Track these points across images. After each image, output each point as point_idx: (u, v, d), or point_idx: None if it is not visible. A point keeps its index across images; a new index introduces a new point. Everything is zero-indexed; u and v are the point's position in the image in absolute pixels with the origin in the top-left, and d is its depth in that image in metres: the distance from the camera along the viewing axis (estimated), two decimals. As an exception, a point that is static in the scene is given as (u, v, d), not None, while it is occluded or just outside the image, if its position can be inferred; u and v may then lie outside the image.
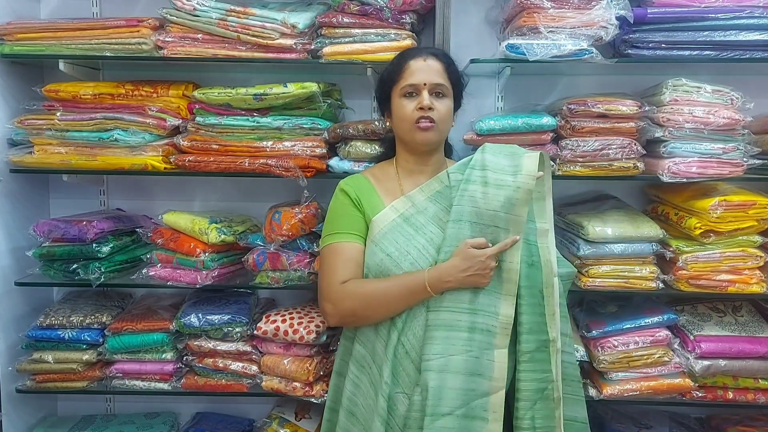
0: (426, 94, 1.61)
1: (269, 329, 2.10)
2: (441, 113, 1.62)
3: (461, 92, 1.74)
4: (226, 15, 2.03)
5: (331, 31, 2.08)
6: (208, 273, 2.10)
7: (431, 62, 1.64)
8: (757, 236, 2.04)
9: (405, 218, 1.62)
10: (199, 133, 2.13)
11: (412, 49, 1.73)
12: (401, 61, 1.67)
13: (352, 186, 1.70)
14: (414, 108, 1.61)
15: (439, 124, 1.62)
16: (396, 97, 1.66)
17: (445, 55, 1.70)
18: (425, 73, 1.62)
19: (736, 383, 2.12)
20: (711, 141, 1.99)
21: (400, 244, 1.59)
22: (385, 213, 1.63)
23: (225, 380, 2.20)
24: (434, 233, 1.60)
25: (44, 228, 2.14)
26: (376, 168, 1.81)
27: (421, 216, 1.62)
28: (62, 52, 2.11)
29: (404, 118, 1.63)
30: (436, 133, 1.63)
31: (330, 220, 1.70)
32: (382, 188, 1.70)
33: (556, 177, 2.05)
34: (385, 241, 1.60)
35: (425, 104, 1.59)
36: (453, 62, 1.70)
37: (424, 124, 1.60)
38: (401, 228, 1.61)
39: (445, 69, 1.66)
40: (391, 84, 1.67)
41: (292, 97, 2.05)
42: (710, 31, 1.99)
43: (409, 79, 1.62)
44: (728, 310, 2.23)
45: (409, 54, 1.68)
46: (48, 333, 2.17)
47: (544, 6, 1.95)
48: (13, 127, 2.17)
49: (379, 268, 1.59)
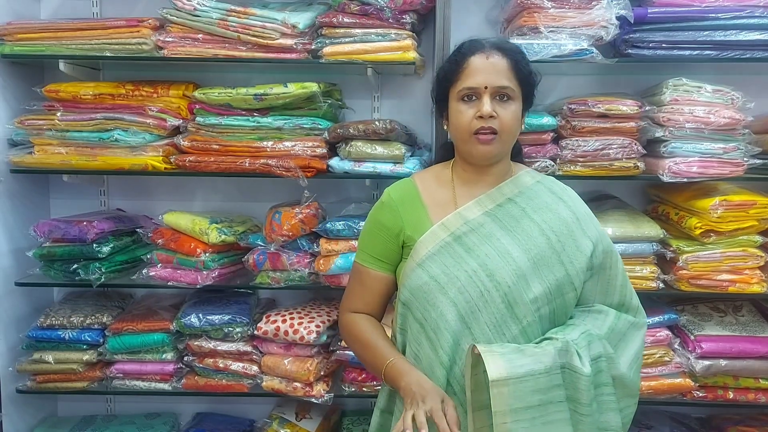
0: (487, 99, 1.34)
1: (270, 329, 2.10)
2: (505, 122, 1.36)
3: (532, 91, 1.45)
4: (226, 15, 2.03)
5: (332, 31, 2.08)
6: (208, 273, 2.10)
7: (495, 59, 1.37)
8: (757, 236, 2.04)
9: (456, 237, 1.38)
10: (199, 134, 2.13)
11: (474, 41, 1.41)
12: (459, 57, 1.39)
13: (396, 196, 1.47)
14: (473, 116, 1.35)
15: (503, 135, 1.36)
16: (453, 100, 1.40)
17: (513, 49, 1.41)
18: (487, 74, 1.35)
19: (737, 383, 2.12)
20: (711, 141, 1.99)
21: (448, 267, 1.36)
22: (434, 231, 1.39)
23: (225, 380, 2.19)
24: (488, 255, 1.36)
25: (44, 228, 2.14)
26: (430, 171, 1.55)
27: (474, 235, 1.38)
28: (62, 53, 2.11)
29: (461, 127, 1.38)
30: (498, 145, 1.37)
31: (365, 233, 1.50)
32: (431, 198, 1.46)
33: (557, 177, 2.05)
34: (432, 264, 1.37)
35: (485, 112, 1.34)
36: (523, 56, 1.42)
37: (483, 136, 1.35)
38: (451, 248, 1.37)
39: (511, 67, 1.37)
40: (448, 84, 1.41)
41: (292, 97, 2.05)
42: (711, 31, 1.98)
43: (468, 80, 1.36)
44: (729, 309, 2.22)
45: (469, 48, 1.39)
46: (48, 333, 2.17)
47: (545, 6, 1.95)
48: (13, 127, 2.17)
49: (422, 293, 1.37)
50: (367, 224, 1.50)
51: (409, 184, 1.49)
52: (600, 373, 1.31)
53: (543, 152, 2.04)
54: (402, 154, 2.04)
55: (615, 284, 1.44)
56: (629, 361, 1.38)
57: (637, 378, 1.41)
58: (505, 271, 1.34)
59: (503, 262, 1.35)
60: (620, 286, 1.44)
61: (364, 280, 1.48)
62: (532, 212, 1.41)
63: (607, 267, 1.43)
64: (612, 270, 1.44)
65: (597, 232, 1.44)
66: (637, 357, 1.41)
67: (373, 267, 1.46)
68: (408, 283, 1.40)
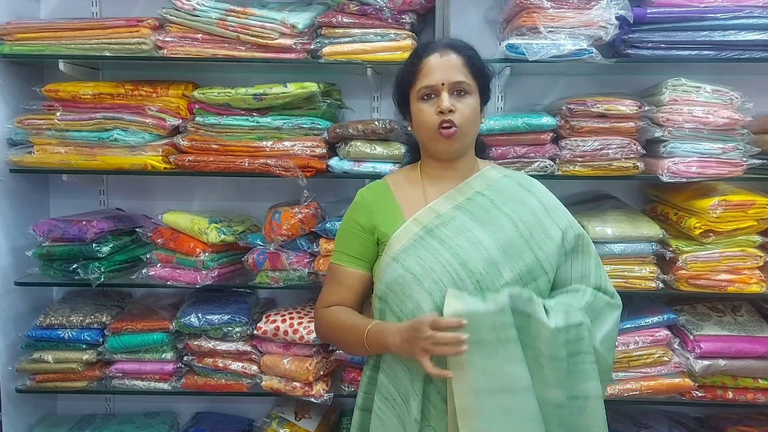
0: (445, 95, 1.41)
1: (269, 329, 2.10)
2: (464, 114, 1.42)
3: (488, 85, 1.51)
4: (225, 15, 2.03)
5: (331, 31, 2.08)
6: (207, 273, 2.10)
7: (449, 57, 1.43)
8: (756, 236, 2.04)
9: (428, 230, 1.43)
10: (198, 133, 2.13)
11: (428, 43, 1.50)
12: (415, 58, 1.47)
13: (369, 197, 1.53)
14: (434, 113, 1.42)
15: (463, 127, 1.42)
16: (414, 101, 1.46)
17: (465, 46, 1.48)
18: (443, 71, 1.42)
19: (736, 383, 2.13)
20: (710, 141, 1.99)
21: (422, 260, 1.40)
22: (407, 226, 1.44)
23: (225, 380, 2.20)
24: (460, 245, 1.40)
25: (44, 228, 2.14)
26: (400, 173, 1.61)
27: (446, 227, 1.43)
28: (62, 52, 2.11)
29: (424, 125, 1.44)
30: (461, 138, 1.43)
31: (341, 232, 1.55)
32: (403, 196, 1.52)
33: (556, 177, 2.06)
34: (406, 257, 1.41)
35: (445, 107, 1.40)
36: (475, 53, 1.48)
37: (446, 130, 1.41)
38: (424, 241, 1.42)
39: (465, 63, 1.44)
40: (407, 86, 1.48)
41: (291, 97, 2.05)
42: (710, 31, 1.99)
43: (425, 79, 1.43)
44: (728, 309, 2.23)
45: (424, 50, 1.47)
46: (48, 333, 2.17)
47: (544, 6, 1.95)
48: (13, 127, 2.17)
49: (398, 285, 1.41)
50: (342, 225, 1.55)
51: (382, 185, 1.55)
52: (581, 340, 1.36)
53: (542, 152, 2.04)
54: (401, 153, 2.04)
55: (590, 267, 1.49)
56: (601, 338, 1.42)
57: (609, 356, 1.45)
58: (477, 260, 1.39)
59: (475, 251, 1.40)
60: (595, 268, 1.49)
61: (341, 278, 1.51)
62: (501, 204, 1.47)
63: (580, 250, 1.48)
64: (585, 253, 1.49)
65: (567, 221, 1.49)
66: (610, 336, 1.45)
67: (349, 265, 1.50)
68: (383, 278, 1.44)
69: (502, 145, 2.04)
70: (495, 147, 2.03)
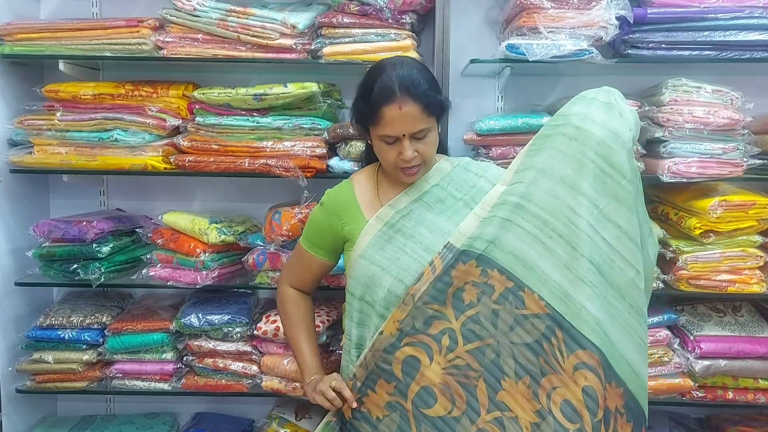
0: (407, 144, 1.46)
1: (269, 329, 2.10)
2: (427, 152, 1.51)
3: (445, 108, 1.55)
4: (226, 15, 2.03)
5: (331, 31, 2.08)
6: (208, 273, 2.10)
7: (408, 109, 1.43)
8: (757, 236, 2.03)
9: (390, 225, 1.53)
10: (199, 134, 2.13)
11: (384, 89, 1.45)
12: (375, 106, 1.46)
13: (332, 201, 1.62)
14: (396, 156, 1.49)
15: (426, 161, 1.53)
16: (375, 138, 1.51)
17: (421, 93, 1.45)
18: (403, 124, 1.44)
19: (736, 383, 2.13)
20: (711, 141, 1.99)
21: (388, 252, 1.51)
22: (371, 224, 1.55)
23: (225, 380, 2.20)
24: (422, 233, 1.51)
25: (44, 228, 2.14)
26: (363, 171, 1.69)
27: (406, 220, 1.54)
28: (62, 53, 2.11)
29: (386, 161, 1.52)
30: (423, 170, 1.55)
31: (309, 223, 1.68)
32: (363, 195, 1.61)
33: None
34: (372, 252, 1.52)
35: (408, 157, 1.47)
36: (432, 88, 1.48)
37: (409, 170, 1.51)
38: (387, 236, 1.53)
39: (423, 109, 1.45)
40: (367, 123, 1.52)
41: (292, 97, 2.05)
42: (710, 31, 1.98)
43: (386, 129, 1.46)
44: (728, 310, 2.23)
45: (382, 98, 1.45)
46: (48, 333, 2.17)
47: (544, 6, 1.95)
48: (13, 127, 2.17)
49: (367, 278, 1.52)
50: (311, 216, 1.68)
51: (346, 186, 1.65)
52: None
53: (542, 152, 2.04)
54: (401, 154, 2.04)
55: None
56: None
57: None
58: (440, 243, 1.48)
59: (436, 236, 1.51)
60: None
61: (303, 260, 1.69)
62: (454, 191, 1.57)
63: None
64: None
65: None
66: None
67: (311, 251, 1.66)
68: (353, 274, 1.56)
69: (502, 145, 2.04)
70: (495, 147, 2.03)
